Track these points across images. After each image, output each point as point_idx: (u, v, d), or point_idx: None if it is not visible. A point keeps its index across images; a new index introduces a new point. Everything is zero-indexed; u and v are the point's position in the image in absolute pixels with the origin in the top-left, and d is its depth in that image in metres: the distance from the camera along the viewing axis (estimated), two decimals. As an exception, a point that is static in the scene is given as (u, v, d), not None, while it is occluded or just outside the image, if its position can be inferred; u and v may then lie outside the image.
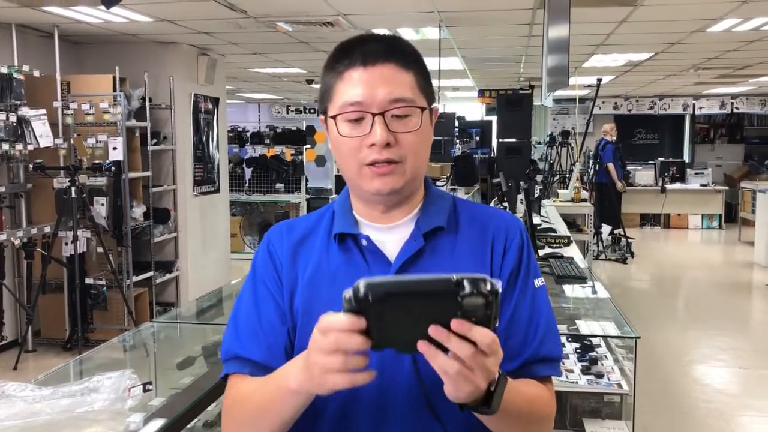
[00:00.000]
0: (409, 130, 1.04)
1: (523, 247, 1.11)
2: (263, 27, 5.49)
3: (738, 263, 8.83)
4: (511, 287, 1.08)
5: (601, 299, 3.10)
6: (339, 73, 1.06)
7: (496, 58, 7.66)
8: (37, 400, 1.58)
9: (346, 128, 1.04)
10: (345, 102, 1.04)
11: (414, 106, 1.05)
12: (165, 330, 2.73)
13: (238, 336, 1.11)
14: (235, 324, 1.13)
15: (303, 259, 1.11)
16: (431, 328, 0.79)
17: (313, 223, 1.15)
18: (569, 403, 2.49)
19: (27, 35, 5.45)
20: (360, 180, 1.06)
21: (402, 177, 1.05)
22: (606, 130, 9.42)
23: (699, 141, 13.74)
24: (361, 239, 1.08)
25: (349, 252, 1.09)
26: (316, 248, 1.11)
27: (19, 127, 4.84)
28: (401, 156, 1.04)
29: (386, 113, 1.02)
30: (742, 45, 6.73)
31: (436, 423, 1.01)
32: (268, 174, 9.32)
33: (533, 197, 5.54)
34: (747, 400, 4.29)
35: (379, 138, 1.01)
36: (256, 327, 1.10)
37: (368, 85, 1.03)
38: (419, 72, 1.08)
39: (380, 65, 1.03)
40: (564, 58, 3.67)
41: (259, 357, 1.08)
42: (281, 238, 1.14)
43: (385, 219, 1.10)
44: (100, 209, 5.32)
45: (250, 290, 1.14)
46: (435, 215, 1.10)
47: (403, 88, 1.04)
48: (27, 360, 5.13)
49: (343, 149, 1.05)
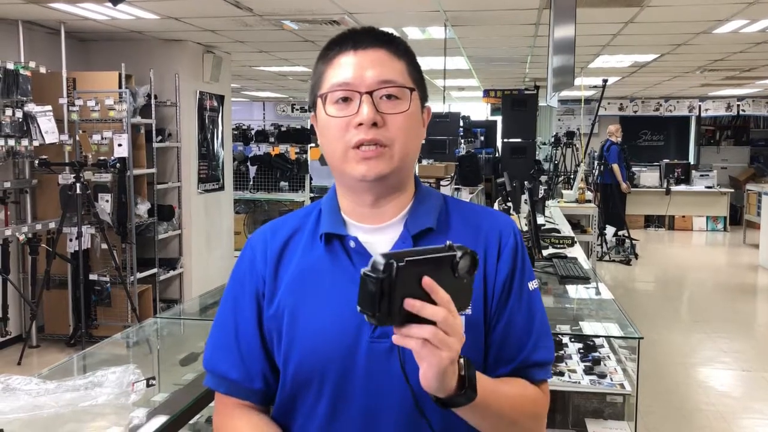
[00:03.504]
0: (397, 111, 1.02)
1: (517, 250, 1.08)
2: (269, 25, 5.50)
3: (742, 266, 8.80)
4: (506, 292, 1.06)
5: (604, 300, 3.09)
6: (329, 60, 1.05)
7: (501, 58, 7.65)
8: (41, 393, 1.59)
9: (334, 109, 1.02)
10: (333, 83, 1.03)
11: (404, 87, 1.03)
12: (168, 326, 2.73)
13: (217, 350, 1.12)
14: (216, 336, 1.13)
15: (287, 262, 1.09)
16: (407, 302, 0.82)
17: (298, 223, 1.13)
18: (572, 403, 2.49)
19: (34, 32, 5.47)
20: (345, 164, 1.02)
21: (389, 162, 1.01)
22: (611, 131, 9.41)
23: (704, 143, 13.71)
24: (349, 241, 1.05)
25: (335, 253, 1.06)
26: (301, 249, 1.09)
27: (25, 123, 4.85)
28: (389, 138, 1.01)
29: (374, 93, 1.01)
30: (748, 47, 6.71)
31: (425, 425, 0.99)
32: (273, 172, 9.33)
33: (537, 197, 5.54)
34: (750, 402, 4.28)
35: (366, 116, 0.99)
36: (233, 346, 1.10)
37: (358, 67, 1.01)
38: (411, 63, 1.06)
39: (371, 50, 1.03)
40: (570, 58, 3.67)
41: (236, 377, 1.09)
42: (265, 244, 1.11)
43: (373, 218, 1.07)
44: (104, 206, 5.34)
45: (231, 305, 1.12)
46: (424, 216, 1.07)
47: (393, 72, 1.03)
48: (31, 355, 5.15)
49: (330, 131, 1.03)
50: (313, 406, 1.05)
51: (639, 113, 13.24)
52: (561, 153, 10.82)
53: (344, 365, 1.02)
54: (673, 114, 13.16)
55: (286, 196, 9.36)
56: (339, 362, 1.02)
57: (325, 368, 1.03)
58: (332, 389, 1.03)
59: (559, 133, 11.89)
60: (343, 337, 1.02)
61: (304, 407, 1.07)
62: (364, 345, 1.02)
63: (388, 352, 1.00)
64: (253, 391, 1.09)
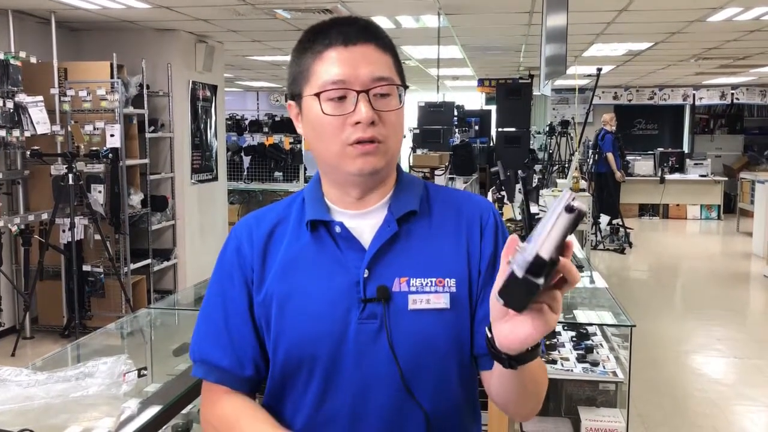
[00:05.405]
0: (391, 109, 1.04)
1: (498, 228, 1.11)
2: (262, 14, 5.47)
3: (736, 254, 8.84)
4: (491, 269, 1.08)
5: (598, 289, 3.10)
6: (317, 53, 1.04)
7: (495, 46, 7.63)
8: (32, 384, 1.58)
9: (329, 107, 1.03)
10: (326, 81, 1.02)
11: (395, 84, 1.05)
12: (162, 316, 2.73)
13: (206, 339, 1.11)
14: (204, 326, 1.12)
15: (274, 250, 1.09)
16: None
17: (282, 212, 1.13)
18: (564, 391, 2.50)
19: (24, 21, 5.42)
20: (342, 160, 1.04)
21: (384, 157, 1.04)
22: (605, 120, 9.41)
23: (699, 131, 13.73)
24: (335, 226, 1.07)
25: (321, 239, 1.08)
26: (288, 237, 1.10)
27: (16, 114, 4.82)
28: (384, 135, 1.03)
29: (370, 91, 1.02)
30: (742, 35, 6.70)
31: (415, 406, 1.02)
32: (267, 162, 9.30)
33: (531, 187, 5.53)
34: (742, 389, 4.31)
35: (365, 115, 1.01)
36: (223, 334, 1.09)
37: (350, 64, 1.02)
38: (395, 56, 1.09)
39: (361, 45, 1.03)
40: (562, 47, 3.66)
41: (226, 365, 1.09)
42: (250, 233, 1.12)
43: (358, 205, 1.09)
44: (97, 196, 5.32)
45: (218, 294, 1.12)
46: (407, 200, 1.09)
47: (383, 68, 1.04)
48: (25, 346, 5.14)
49: (326, 129, 1.04)
50: (304, 391, 1.06)
51: (633, 102, 13.24)
52: (555, 142, 10.81)
53: (335, 348, 1.03)
54: (667, 103, 13.17)
55: (280, 187, 9.33)
56: (329, 345, 1.03)
57: (316, 352, 1.04)
58: (323, 373, 1.04)
59: (553, 122, 11.88)
60: (333, 320, 1.03)
61: (294, 393, 1.08)
62: (353, 326, 1.03)
63: (377, 333, 1.02)
64: (244, 379, 1.09)
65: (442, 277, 1.05)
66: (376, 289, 1.03)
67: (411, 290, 1.04)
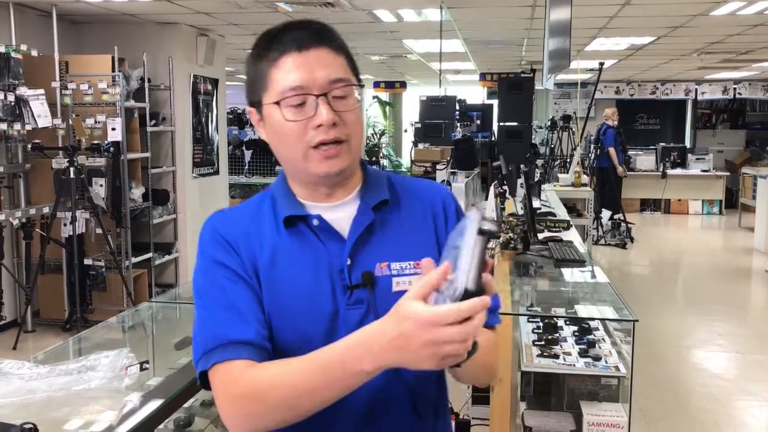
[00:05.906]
0: (350, 108, 1.07)
1: (459, 211, 1.19)
2: (263, 7, 5.45)
3: (738, 249, 8.83)
4: None
5: (599, 283, 3.09)
6: (273, 60, 1.06)
7: (497, 41, 7.61)
8: (34, 378, 1.58)
9: (290, 113, 1.05)
10: (285, 87, 1.05)
11: (351, 84, 1.08)
12: (163, 310, 2.73)
13: (221, 323, 1.05)
14: (211, 313, 1.07)
15: (257, 243, 1.09)
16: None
17: (253, 211, 1.13)
18: (566, 386, 2.50)
19: (25, 14, 5.41)
20: (307, 163, 1.07)
21: (348, 156, 1.08)
22: (607, 115, 9.38)
23: (701, 126, 13.70)
24: (312, 219, 1.09)
25: (300, 234, 1.09)
26: (267, 233, 1.10)
27: (17, 107, 4.81)
28: (347, 134, 1.07)
29: (328, 94, 1.05)
30: (745, 29, 6.68)
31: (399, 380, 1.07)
32: (268, 156, 9.28)
33: (533, 181, 5.52)
34: (743, 384, 4.31)
35: (326, 118, 1.04)
36: (235, 311, 1.05)
37: (306, 69, 1.05)
38: (347, 56, 1.11)
39: (315, 49, 1.06)
40: (565, 40, 3.65)
41: (254, 337, 1.04)
42: (227, 223, 1.11)
43: (328, 199, 1.12)
44: (98, 190, 5.31)
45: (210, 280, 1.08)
46: (377, 190, 1.14)
47: (339, 69, 1.07)
48: (26, 340, 5.15)
49: (289, 135, 1.06)
50: None
51: (635, 97, 13.22)
52: (557, 137, 10.79)
53: (326, 337, 1.04)
54: (669, 97, 13.14)
55: (281, 181, 9.31)
56: (322, 335, 1.05)
57: (308, 342, 1.03)
58: None
59: (555, 117, 11.85)
60: (322, 310, 1.06)
61: None
62: (341, 313, 1.06)
63: (364, 316, 1.06)
64: (268, 352, 1.05)
65: (418, 260, 1.07)
66: (361, 275, 1.06)
67: (393, 273, 1.09)
